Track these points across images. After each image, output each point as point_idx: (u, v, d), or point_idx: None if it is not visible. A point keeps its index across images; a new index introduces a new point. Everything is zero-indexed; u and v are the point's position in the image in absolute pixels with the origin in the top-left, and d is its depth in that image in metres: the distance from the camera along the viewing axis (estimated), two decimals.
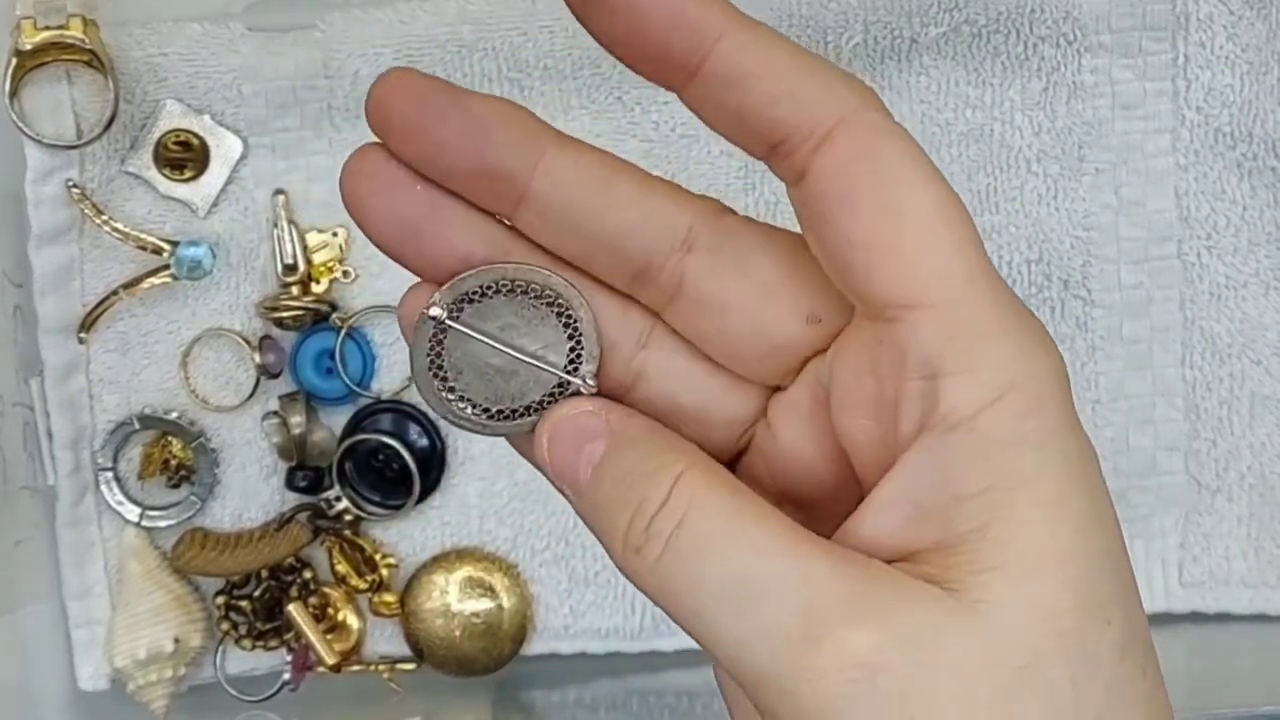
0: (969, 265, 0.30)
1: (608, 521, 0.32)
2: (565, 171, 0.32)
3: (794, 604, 0.29)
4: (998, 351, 0.30)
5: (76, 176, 0.55)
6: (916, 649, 0.29)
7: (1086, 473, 0.31)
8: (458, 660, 0.57)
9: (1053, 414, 0.31)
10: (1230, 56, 0.55)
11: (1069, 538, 0.30)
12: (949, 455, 0.30)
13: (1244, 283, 0.56)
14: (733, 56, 0.31)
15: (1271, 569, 0.57)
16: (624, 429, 0.33)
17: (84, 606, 0.57)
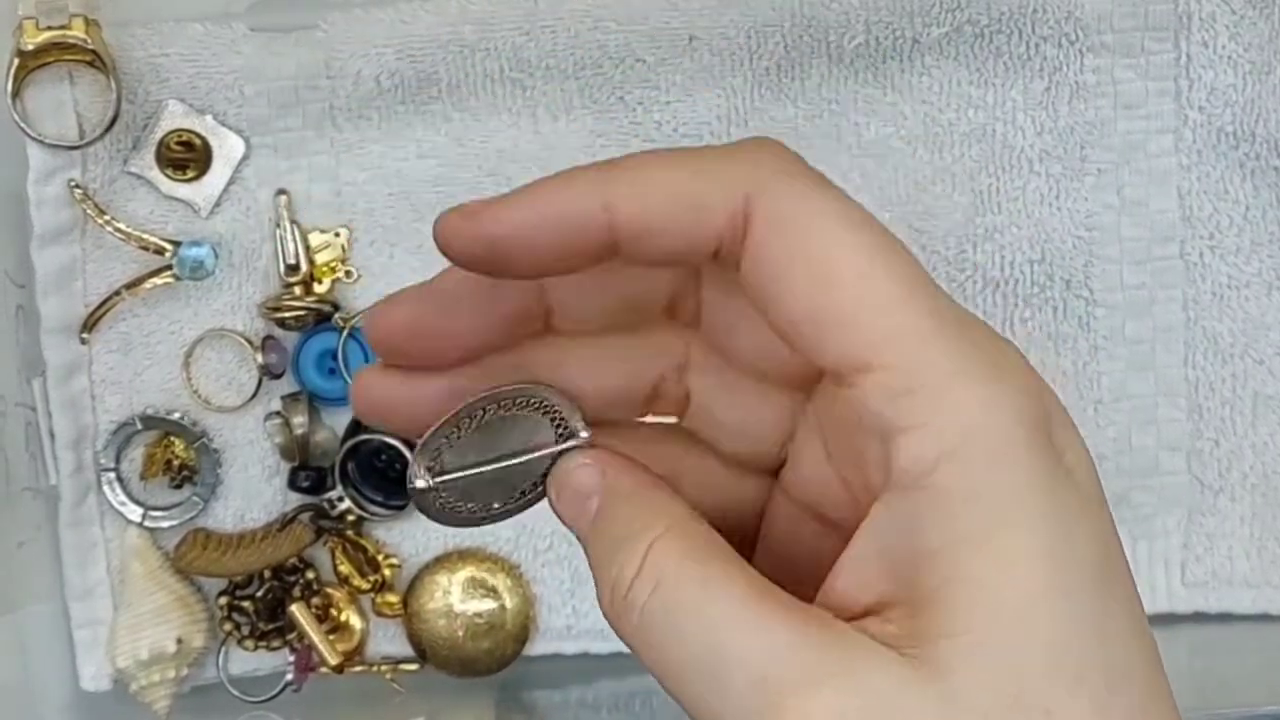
0: (914, 314, 0.29)
1: (599, 578, 0.33)
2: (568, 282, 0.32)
3: (754, 675, 0.29)
4: (953, 401, 0.29)
5: (79, 177, 0.55)
6: (873, 717, 0.28)
7: (1060, 523, 0.29)
8: (460, 661, 0.57)
9: (1017, 463, 0.29)
10: (1233, 56, 0.55)
11: (1032, 597, 0.29)
12: (909, 512, 0.29)
13: (1246, 282, 0.56)
14: (624, 218, 0.31)
15: (1274, 569, 0.57)
16: (616, 484, 0.33)
17: (86, 607, 0.57)
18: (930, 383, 0.29)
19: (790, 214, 0.30)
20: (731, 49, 0.55)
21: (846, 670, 0.29)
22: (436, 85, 0.55)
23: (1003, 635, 0.28)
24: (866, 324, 0.29)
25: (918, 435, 0.29)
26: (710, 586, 0.30)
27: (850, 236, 0.30)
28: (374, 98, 0.55)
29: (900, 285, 0.29)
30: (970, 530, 0.29)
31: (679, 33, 0.55)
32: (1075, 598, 0.29)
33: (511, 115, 0.56)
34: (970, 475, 0.29)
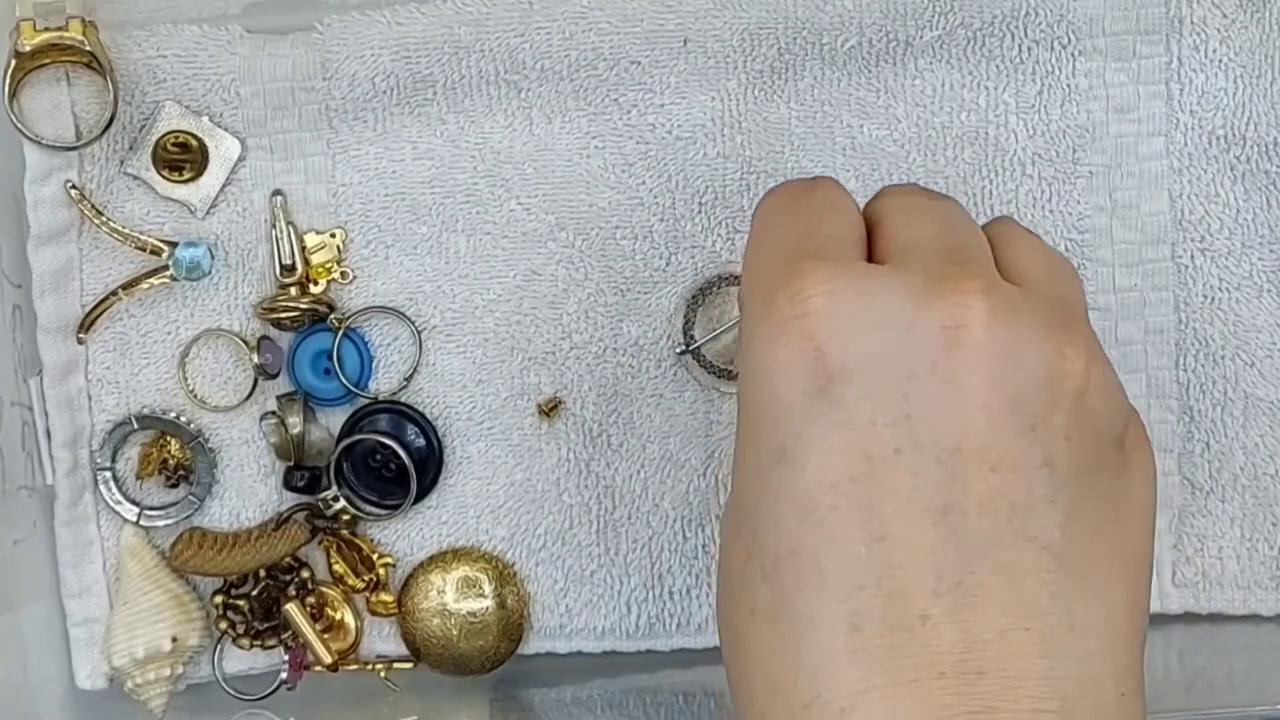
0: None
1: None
2: None
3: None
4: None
5: (75, 177, 0.55)
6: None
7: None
8: (454, 659, 0.57)
9: None
10: (1224, 60, 0.55)
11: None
12: None
13: (1237, 285, 0.56)
14: None
15: (1264, 570, 0.57)
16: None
17: (82, 605, 0.57)
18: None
19: None
20: (725, 51, 0.55)
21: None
22: (432, 87, 0.55)
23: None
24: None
25: None
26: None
27: None
28: (370, 99, 0.55)
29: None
30: None
31: (673, 35, 0.55)
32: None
33: (506, 117, 0.56)
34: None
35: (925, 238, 0.41)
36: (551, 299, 0.57)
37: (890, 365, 0.37)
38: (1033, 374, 0.38)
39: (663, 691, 0.58)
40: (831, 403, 0.37)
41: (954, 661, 0.36)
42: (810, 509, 0.37)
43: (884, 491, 0.37)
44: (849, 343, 0.38)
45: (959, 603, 0.36)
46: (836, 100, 0.56)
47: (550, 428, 0.57)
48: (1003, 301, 0.38)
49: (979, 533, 0.37)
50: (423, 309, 0.57)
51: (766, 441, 0.38)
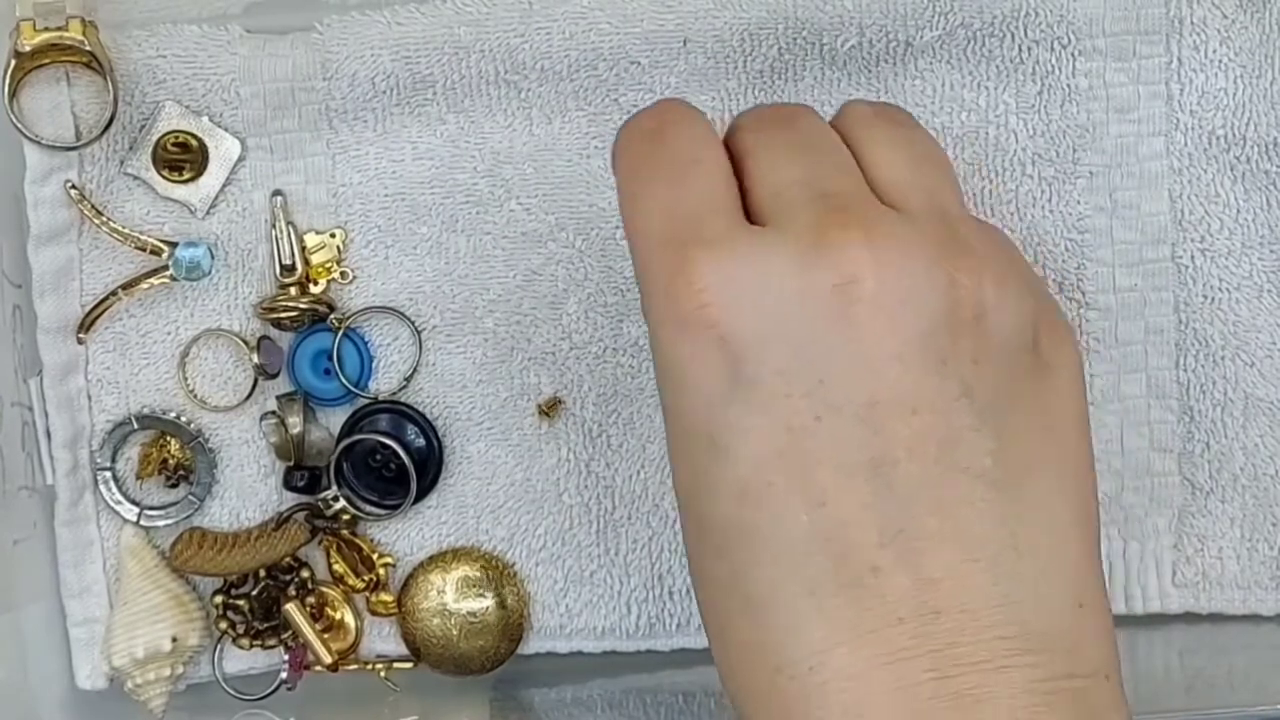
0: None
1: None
2: None
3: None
4: None
5: (75, 177, 0.55)
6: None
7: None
8: (454, 659, 0.57)
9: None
10: (1224, 60, 0.55)
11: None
12: None
13: (1237, 285, 0.56)
14: None
15: (1264, 570, 0.57)
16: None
17: (82, 605, 0.57)
18: None
19: None
20: (725, 52, 0.55)
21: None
22: (432, 87, 0.55)
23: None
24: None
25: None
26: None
27: None
28: (369, 99, 0.55)
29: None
30: None
31: (673, 35, 0.55)
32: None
33: (506, 117, 0.56)
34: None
35: (794, 183, 0.41)
36: (552, 299, 0.57)
37: (792, 336, 0.38)
38: (931, 309, 0.38)
39: (663, 691, 0.58)
40: (745, 385, 0.38)
41: (910, 606, 0.37)
42: (747, 490, 0.38)
43: (813, 459, 0.38)
44: (748, 324, 0.38)
45: (905, 549, 0.37)
46: (836, 100, 0.56)
47: (550, 428, 0.57)
48: (886, 244, 0.38)
49: (911, 478, 0.37)
50: (423, 309, 0.57)
51: (693, 434, 0.39)
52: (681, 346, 0.39)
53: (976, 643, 0.37)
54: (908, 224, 0.40)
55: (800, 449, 0.38)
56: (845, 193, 0.40)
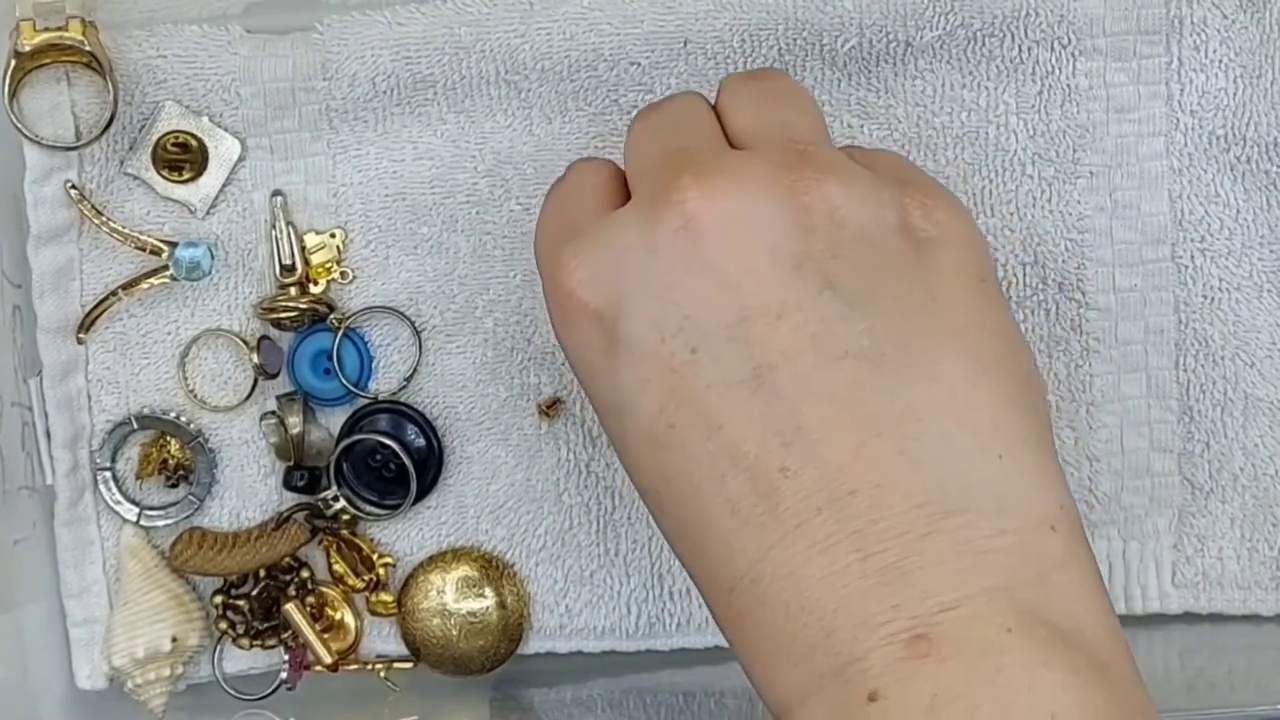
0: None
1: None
2: None
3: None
4: None
5: (75, 177, 0.55)
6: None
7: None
8: (454, 659, 0.57)
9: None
10: (1224, 60, 0.55)
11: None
12: None
13: (1237, 285, 0.56)
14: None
15: (1264, 570, 0.57)
16: None
17: (82, 605, 0.57)
18: None
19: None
20: (725, 52, 0.55)
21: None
22: (432, 87, 0.55)
23: None
24: None
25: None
26: None
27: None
28: (370, 100, 0.55)
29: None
30: None
31: (673, 36, 0.55)
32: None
33: (507, 117, 0.56)
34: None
35: (649, 157, 0.44)
36: None
37: (651, 287, 0.41)
38: (774, 224, 0.40)
39: (663, 691, 0.58)
40: (623, 345, 0.41)
41: (825, 495, 0.38)
42: (655, 438, 0.41)
43: (701, 389, 0.40)
44: (611, 291, 0.41)
45: (806, 443, 0.38)
46: (836, 100, 0.56)
47: (550, 428, 0.57)
48: (717, 180, 0.41)
49: (794, 376, 0.39)
50: (423, 309, 0.57)
51: (602, 404, 0.43)
52: (568, 333, 0.43)
53: (895, 515, 0.37)
54: (745, 158, 0.42)
55: (687, 385, 0.40)
56: (689, 147, 0.43)
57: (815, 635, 0.37)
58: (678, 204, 0.41)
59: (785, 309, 0.39)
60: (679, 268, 0.40)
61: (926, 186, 0.43)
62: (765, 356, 0.39)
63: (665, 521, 0.42)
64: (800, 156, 0.42)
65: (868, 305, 0.40)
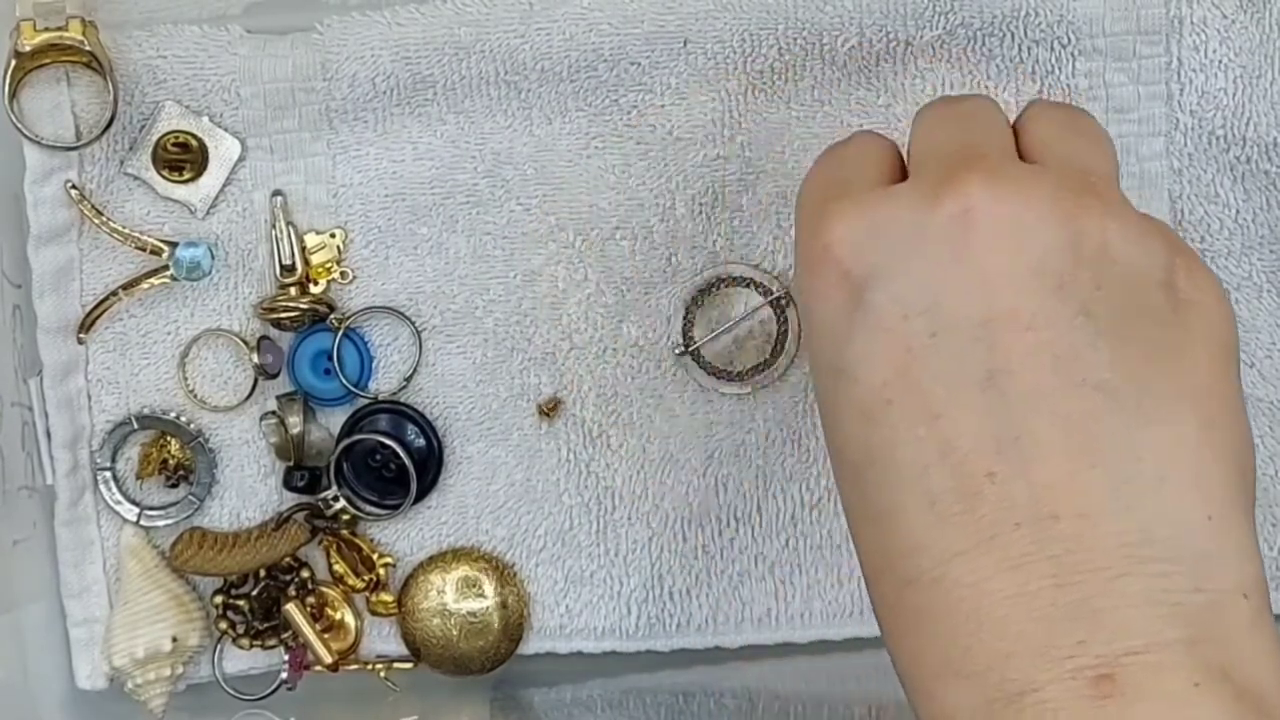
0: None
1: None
2: None
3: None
4: None
5: (75, 177, 0.55)
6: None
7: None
8: (454, 659, 0.57)
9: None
10: (1224, 61, 0.55)
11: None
12: None
13: (1237, 285, 0.56)
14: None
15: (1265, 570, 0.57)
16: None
17: (82, 605, 0.57)
18: None
19: None
20: (725, 52, 0.55)
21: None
22: (432, 88, 0.55)
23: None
24: None
25: None
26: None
27: None
28: (370, 100, 0.55)
29: None
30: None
31: (673, 36, 0.55)
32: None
33: (506, 117, 0.56)
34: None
35: (937, 145, 0.43)
36: (551, 299, 0.57)
37: (910, 264, 0.40)
38: (1048, 239, 0.40)
39: (663, 691, 0.58)
40: (865, 312, 0.40)
41: (1027, 512, 0.37)
42: (870, 411, 0.40)
43: (929, 375, 0.39)
44: (868, 257, 0.41)
45: (1021, 456, 0.38)
46: (837, 100, 0.56)
47: (550, 428, 0.57)
48: (1006, 182, 0.40)
49: (1027, 389, 0.38)
50: (423, 309, 0.57)
51: (824, 365, 0.42)
52: (810, 283, 0.42)
53: (1095, 549, 0.37)
54: (1035, 171, 0.42)
55: (917, 367, 0.39)
56: (982, 145, 0.43)
57: (993, 655, 0.37)
58: (961, 193, 0.40)
59: (1036, 322, 0.39)
60: (943, 253, 0.40)
61: (1193, 256, 0.43)
62: (1004, 362, 0.39)
63: (855, 499, 0.41)
64: (1088, 186, 0.41)
65: (1116, 341, 0.39)
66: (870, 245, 0.41)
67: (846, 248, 0.41)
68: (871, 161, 0.45)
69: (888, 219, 0.41)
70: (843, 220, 0.42)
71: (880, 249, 0.41)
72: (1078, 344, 0.39)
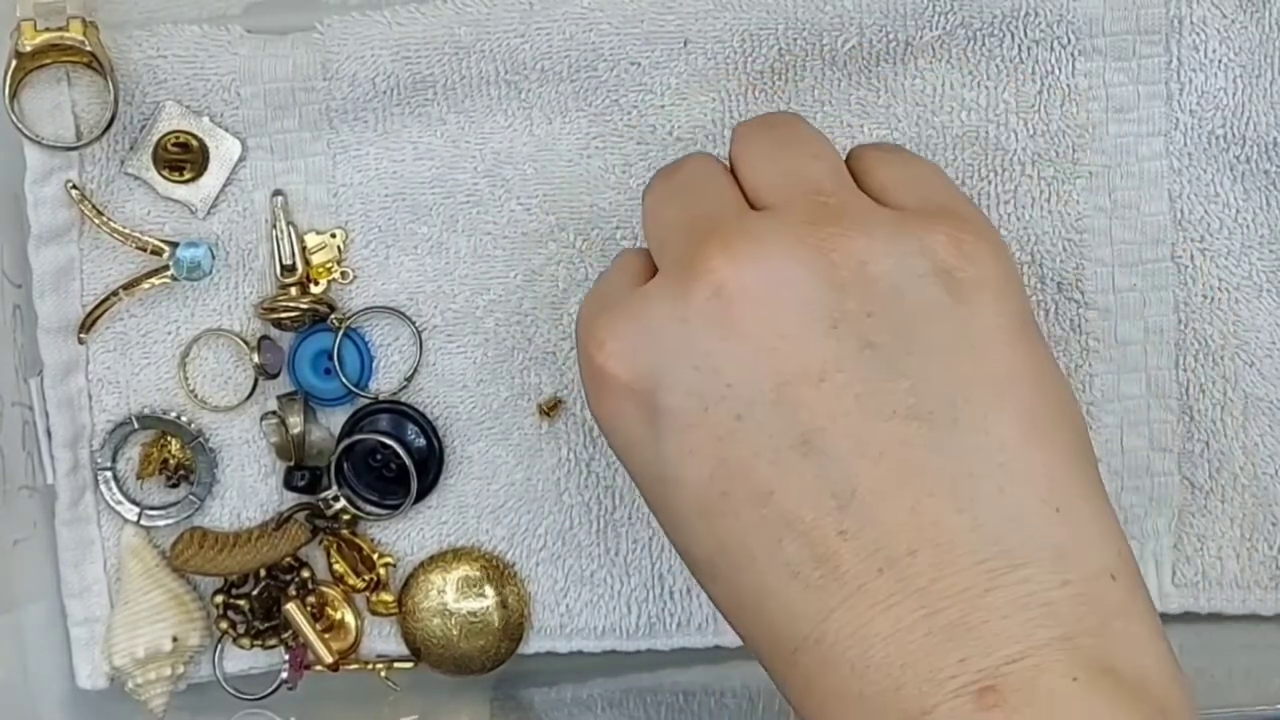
0: None
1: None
2: None
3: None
4: None
5: (76, 177, 0.55)
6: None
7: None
8: (455, 659, 0.57)
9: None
10: (1223, 60, 0.55)
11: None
12: None
13: (1237, 285, 0.56)
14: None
15: (1264, 570, 0.57)
16: None
17: (83, 605, 0.57)
18: None
19: None
20: (725, 52, 0.55)
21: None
22: (432, 87, 0.55)
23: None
24: None
25: None
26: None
27: None
28: (370, 100, 0.55)
29: None
30: None
31: (673, 36, 0.55)
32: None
33: (507, 117, 0.56)
34: None
35: (669, 224, 0.44)
36: (552, 299, 0.57)
37: (686, 358, 0.40)
38: (804, 283, 0.40)
39: (663, 691, 0.58)
40: (665, 417, 0.41)
41: (884, 556, 0.38)
42: (706, 508, 0.40)
43: (749, 456, 0.39)
44: (645, 364, 0.41)
45: (862, 505, 0.38)
46: (837, 100, 0.56)
47: (550, 428, 0.57)
48: (743, 245, 0.40)
49: (843, 439, 0.39)
50: (423, 309, 0.57)
51: (645, 477, 0.42)
52: (603, 407, 0.43)
53: (957, 572, 0.37)
54: (767, 219, 0.42)
55: (735, 452, 0.40)
56: (710, 213, 0.43)
57: (883, 692, 0.37)
58: (705, 273, 0.40)
59: (826, 371, 0.39)
60: (714, 337, 0.40)
61: (957, 216, 0.42)
62: (813, 420, 0.39)
63: (720, 590, 0.42)
64: (822, 211, 0.41)
65: (909, 361, 0.39)
66: (643, 352, 0.41)
67: (619, 362, 0.42)
68: (622, 264, 0.45)
69: (650, 321, 0.41)
70: (610, 334, 0.42)
71: (654, 352, 0.41)
72: (873, 378, 0.39)
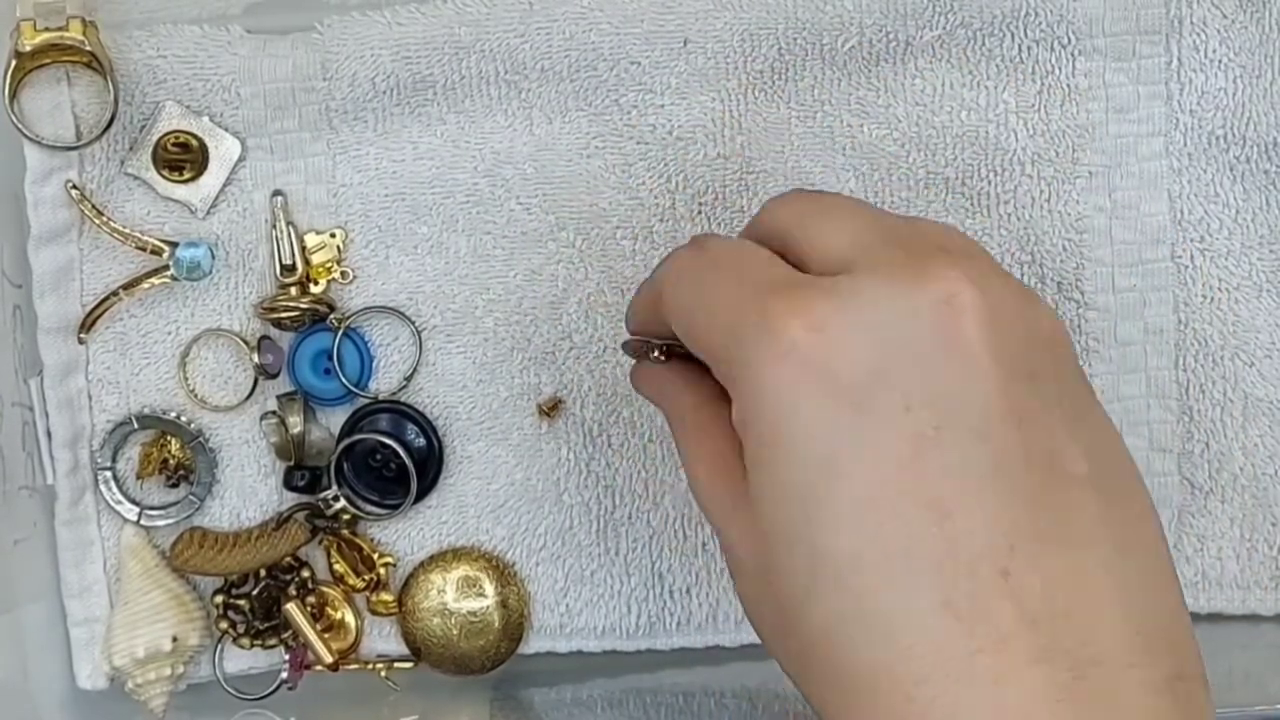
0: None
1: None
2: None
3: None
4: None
5: (76, 177, 0.55)
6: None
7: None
8: (455, 659, 0.57)
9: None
10: (1223, 60, 0.55)
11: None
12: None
13: (1237, 285, 0.56)
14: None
15: (1264, 570, 0.57)
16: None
17: (83, 605, 0.57)
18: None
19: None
20: (725, 52, 0.55)
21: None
22: (432, 87, 0.55)
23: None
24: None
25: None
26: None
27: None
28: (370, 100, 0.55)
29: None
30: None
31: (673, 35, 0.55)
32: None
33: (506, 117, 0.56)
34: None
35: (857, 234, 0.41)
36: (552, 299, 0.57)
37: (902, 355, 0.39)
38: (1018, 328, 0.40)
39: (663, 691, 0.58)
40: (863, 408, 0.38)
41: (1042, 608, 0.37)
42: (874, 500, 0.38)
43: (938, 470, 0.38)
44: (853, 346, 0.39)
45: (1031, 553, 0.37)
46: (836, 100, 0.56)
47: (550, 428, 0.57)
48: (977, 266, 0.40)
49: (1030, 484, 0.38)
50: (423, 309, 0.57)
51: (802, 461, 0.39)
52: (782, 376, 0.39)
53: (1104, 642, 0.37)
54: (988, 259, 0.42)
55: (924, 460, 0.38)
56: (922, 236, 0.42)
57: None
58: (938, 279, 0.39)
59: (1025, 418, 0.39)
60: (937, 340, 0.39)
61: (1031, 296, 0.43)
62: (1007, 458, 0.38)
63: (834, 602, 0.38)
64: (992, 268, 0.41)
65: (1080, 429, 0.40)
66: (849, 333, 0.39)
67: (823, 343, 0.39)
68: (764, 257, 0.43)
69: (862, 305, 0.39)
70: (805, 317, 0.39)
71: (864, 341, 0.39)
72: (1061, 437, 0.39)
